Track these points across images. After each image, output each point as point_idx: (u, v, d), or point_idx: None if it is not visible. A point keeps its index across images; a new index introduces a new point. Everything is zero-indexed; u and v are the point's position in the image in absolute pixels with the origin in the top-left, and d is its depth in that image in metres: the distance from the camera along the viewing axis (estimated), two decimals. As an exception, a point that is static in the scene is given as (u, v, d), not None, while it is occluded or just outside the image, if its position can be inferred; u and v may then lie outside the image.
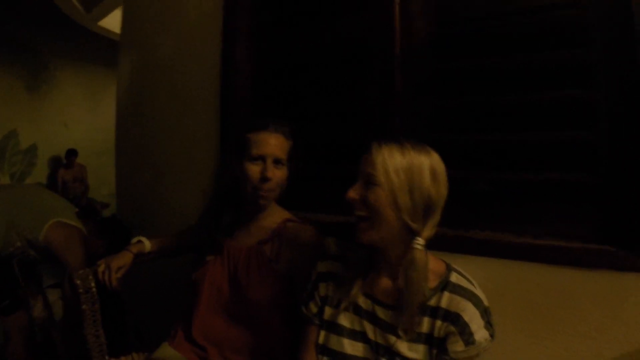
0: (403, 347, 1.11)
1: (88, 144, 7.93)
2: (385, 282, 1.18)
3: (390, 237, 1.10)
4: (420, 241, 1.07)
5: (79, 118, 8.24)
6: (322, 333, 1.24)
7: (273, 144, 1.44)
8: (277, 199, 1.52)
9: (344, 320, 1.21)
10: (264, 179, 1.41)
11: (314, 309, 1.27)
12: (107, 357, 1.61)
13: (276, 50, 2.00)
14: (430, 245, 1.11)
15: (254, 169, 1.43)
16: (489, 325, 1.07)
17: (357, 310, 1.19)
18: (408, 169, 1.06)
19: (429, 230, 1.09)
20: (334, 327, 1.22)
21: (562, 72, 1.39)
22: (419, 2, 1.62)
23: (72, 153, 7.58)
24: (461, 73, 1.56)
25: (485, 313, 1.07)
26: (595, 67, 1.34)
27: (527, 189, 1.44)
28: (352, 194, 1.11)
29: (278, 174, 1.44)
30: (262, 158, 1.43)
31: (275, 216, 1.54)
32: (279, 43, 1.99)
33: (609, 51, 1.32)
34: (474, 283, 1.12)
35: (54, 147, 7.84)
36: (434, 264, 1.15)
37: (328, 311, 1.24)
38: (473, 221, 1.51)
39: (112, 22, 4.74)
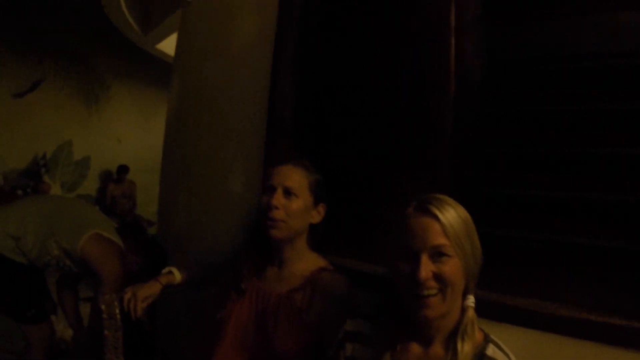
0: None
1: (138, 161, 8.15)
2: (416, 351, 1.08)
3: (453, 306, 1.03)
4: (472, 299, 1.03)
5: (131, 135, 8.53)
6: None
7: (285, 174, 1.43)
8: (296, 235, 1.45)
9: None
10: (269, 206, 1.38)
11: None
12: (124, 386, 1.57)
13: (322, 83, 1.95)
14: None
15: (264, 199, 1.42)
16: None
17: None
18: (466, 227, 1.01)
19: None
20: None
21: (629, 127, 1.23)
22: (472, 39, 1.52)
23: (123, 169, 7.80)
24: (515, 120, 1.44)
25: None
26: None
27: (584, 254, 1.28)
28: (426, 273, 0.98)
29: (288, 205, 1.40)
30: (273, 188, 1.41)
31: (308, 262, 1.47)
32: (326, 76, 1.94)
33: None
34: (512, 358, 1.03)
35: (106, 161, 8.10)
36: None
37: None
38: (521, 287, 1.36)
39: (168, 45, 4.88)
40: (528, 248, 1.36)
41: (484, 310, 1.25)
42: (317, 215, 1.47)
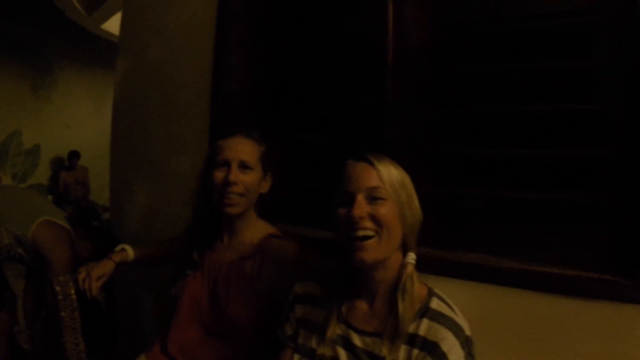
0: None
1: (91, 146, 7.95)
2: (363, 308, 1.13)
3: (390, 254, 1.07)
4: (413, 255, 1.06)
5: (82, 120, 8.27)
6: (296, 357, 1.19)
7: (239, 148, 1.42)
8: (250, 207, 1.47)
9: (318, 345, 1.15)
10: (227, 182, 1.38)
11: (289, 331, 1.23)
12: (86, 366, 1.58)
13: (270, 58, 1.97)
14: (418, 267, 1.09)
15: (219, 175, 1.41)
16: (470, 356, 1.01)
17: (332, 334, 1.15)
18: (402, 182, 1.06)
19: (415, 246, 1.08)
20: (307, 352, 1.17)
21: (566, 82, 1.30)
22: (412, 6, 1.55)
23: (74, 155, 7.60)
24: (457, 82, 1.50)
25: (466, 343, 1.01)
26: (601, 79, 1.25)
27: (526, 209, 1.36)
28: (359, 211, 1.03)
29: (245, 179, 1.41)
30: (227, 163, 1.40)
31: (257, 230, 1.49)
32: (273, 50, 1.96)
33: (616, 61, 1.22)
34: (456, 310, 1.07)
35: (57, 149, 7.86)
36: (416, 287, 1.10)
37: (303, 335, 1.20)
38: (466, 242, 1.43)
39: (114, 25, 4.75)
40: (473, 205, 1.44)
41: (430, 266, 1.33)
42: (265, 185, 1.50)
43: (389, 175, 1.05)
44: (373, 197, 1.04)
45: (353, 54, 1.68)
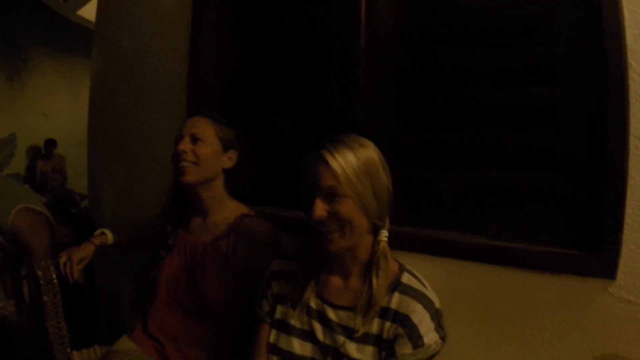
0: (351, 348, 1.10)
1: (67, 134, 7.81)
2: (336, 283, 1.18)
3: (358, 241, 1.10)
4: (385, 233, 1.09)
5: (59, 108, 8.13)
6: (273, 332, 1.23)
7: (192, 123, 1.48)
8: (208, 179, 1.48)
9: (294, 320, 1.20)
10: (178, 152, 1.43)
11: (266, 307, 1.27)
12: (69, 350, 1.60)
13: (245, 44, 1.99)
14: (389, 243, 1.12)
15: (174, 148, 1.46)
16: (439, 328, 1.06)
17: (307, 310, 1.18)
18: (365, 168, 1.05)
19: (387, 222, 1.10)
20: (284, 327, 1.21)
21: (528, 69, 1.36)
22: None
23: (51, 144, 7.49)
24: (426, 67, 1.54)
25: (436, 316, 1.06)
26: (561, 65, 1.30)
27: (493, 189, 1.41)
28: (321, 212, 1.05)
29: (196, 150, 1.44)
30: (181, 137, 1.47)
31: (230, 211, 1.52)
32: (247, 36, 1.98)
33: (575, 48, 1.27)
34: (426, 284, 1.12)
35: (33, 138, 7.73)
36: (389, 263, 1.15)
37: (280, 310, 1.23)
38: (437, 221, 1.49)
39: (90, 11, 4.68)
40: (442, 186, 1.48)
41: (402, 243, 1.37)
42: (228, 161, 1.52)
43: (344, 170, 1.03)
44: (331, 195, 1.05)
45: (326, 40, 1.72)
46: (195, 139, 1.45)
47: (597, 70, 1.20)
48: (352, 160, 1.04)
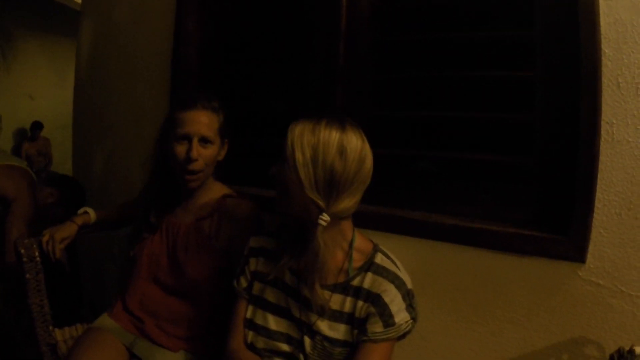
0: (324, 325, 1.12)
1: (53, 117, 7.76)
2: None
3: (302, 213, 1.08)
4: (325, 217, 1.04)
5: (45, 91, 8.05)
6: (250, 308, 1.25)
7: (199, 122, 1.42)
8: (210, 174, 1.51)
9: (271, 296, 1.22)
10: (189, 159, 1.39)
11: (243, 283, 1.28)
12: (51, 328, 1.61)
13: (223, 22, 2.01)
14: (365, 224, 1.14)
15: (180, 150, 1.41)
16: (411, 308, 1.09)
17: (283, 286, 1.20)
18: (315, 145, 1.03)
19: (337, 207, 1.05)
20: (261, 303, 1.23)
21: (505, 52, 1.39)
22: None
23: (37, 126, 7.45)
24: (404, 47, 1.57)
25: (407, 295, 1.09)
26: (535, 48, 1.33)
27: (466, 169, 1.45)
28: (272, 170, 1.11)
29: (205, 153, 1.42)
30: (187, 138, 1.41)
31: (213, 192, 1.53)
32: (228, 16, 2.00)
33: (551, 33, 1.30)
34: (399, 265, 1.14)
35: (19, 120, 7.68)
36: (361, 243, 1.17)
37: (257, 286, 1.25)
38: (412, 201, 1.51)
39: (76, -8, 4.62)
40: (416, 166, 1.52)
41: (375, 223, 1.41)
42: (223, 153, 1.53)
43: (292, 140, 1.05)
44: (282, 161, 1.08)
45: (307, 20, 1.74)
46: (204, 141, 1.42)
47: (571, 55, 1.23)
48: (306, 134, 1.05)
